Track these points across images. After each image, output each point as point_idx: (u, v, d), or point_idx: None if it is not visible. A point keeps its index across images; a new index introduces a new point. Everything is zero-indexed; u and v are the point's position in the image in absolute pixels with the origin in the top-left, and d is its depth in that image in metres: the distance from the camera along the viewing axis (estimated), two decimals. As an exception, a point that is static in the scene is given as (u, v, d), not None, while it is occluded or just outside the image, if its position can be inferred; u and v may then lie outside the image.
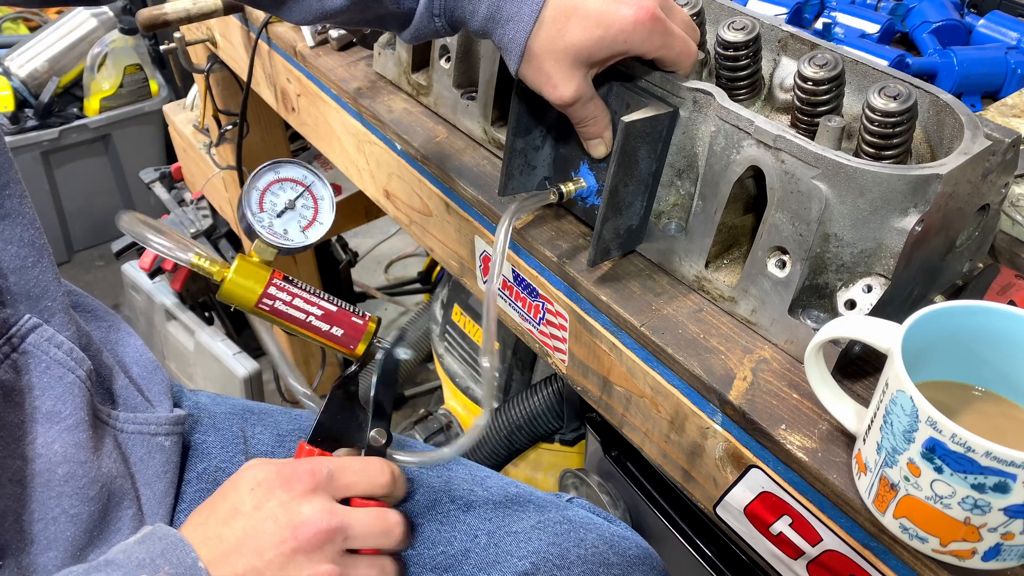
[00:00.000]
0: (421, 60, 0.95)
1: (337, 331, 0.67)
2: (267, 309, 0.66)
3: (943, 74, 0.90)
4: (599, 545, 0.76)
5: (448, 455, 0.69)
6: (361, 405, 0.67)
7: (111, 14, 2.47)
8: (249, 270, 0.66)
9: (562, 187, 0.73)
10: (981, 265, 0.69)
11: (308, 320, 0.66)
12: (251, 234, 0.66)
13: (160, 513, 0.69)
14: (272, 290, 0.66)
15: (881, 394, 0.49)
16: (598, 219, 0.67)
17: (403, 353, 0.67)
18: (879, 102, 0.59)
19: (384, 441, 0.67)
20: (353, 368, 0.68)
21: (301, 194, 0.68)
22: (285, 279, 0.67)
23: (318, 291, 0.68)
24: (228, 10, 1.17)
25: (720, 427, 0.62)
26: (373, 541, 0.62)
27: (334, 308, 0.67)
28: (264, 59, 1.22)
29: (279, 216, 0.67)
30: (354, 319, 0.68)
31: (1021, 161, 0.71)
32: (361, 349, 0.68)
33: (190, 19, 1.15)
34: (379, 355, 0.68)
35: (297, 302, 0.66)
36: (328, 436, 0.66)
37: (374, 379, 0.67)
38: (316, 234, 0.68)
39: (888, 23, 0.99)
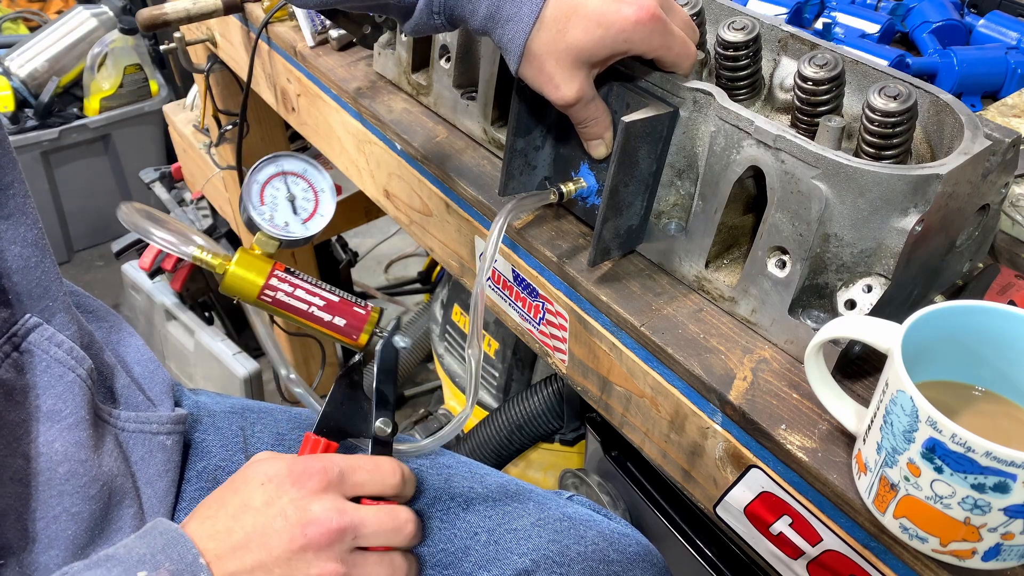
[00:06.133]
0: (421, 60, 0.95)
1: (339, 321, 0.67)
2: (269, 300, 0.66)
3: (943, 74, 0.90)
4: (599, 542, 0.76)
5: (429, 445, 0.70)
6: (365, 395, 0.67)
7: (111, 14, 2.47)
8: (251, 262, 0.66)
9: (562, 187, 0.73)
10: (981, 265, 0.69)
11: (310, 311, 0.67)
12: (252, 227, 0.67)
13: (161, 511, 0.69)
14: (274, 281, 0.66)
15: (881, 394, 0.49)
16: (598, 219, 0.67)
17: (401, 341, 0.67)
18: (879, 102, 0.59)
19: (390, 431, 0.67)
20: (357, 358, 0.68)
21: (302, 187, 0.69)
22: (287, 270, 0.67)
23: (320, 282, 0.68)
24: (228, 10, 1.17)
25: (720, 427, 0.62)
26: (384, 539, 0.62)
27: (336, 298, 0.67)
28: (264, 59, 1.22)
29: (280, 208, 0.68)
30: (356, 309, 0.68)
31: (1021, 161, 0.71)
32: (364, 339, 0.68)
33: (190, 19, 1.15)
34: (378, 345, 0.68)
35: (299, 293, 0.66)
36: (334, 427, 0.66)
37: (375, 369, 0.67)
38: (317, 226, 0.69)
39: (888, 23, 0.99)
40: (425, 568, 0.72)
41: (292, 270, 0.67)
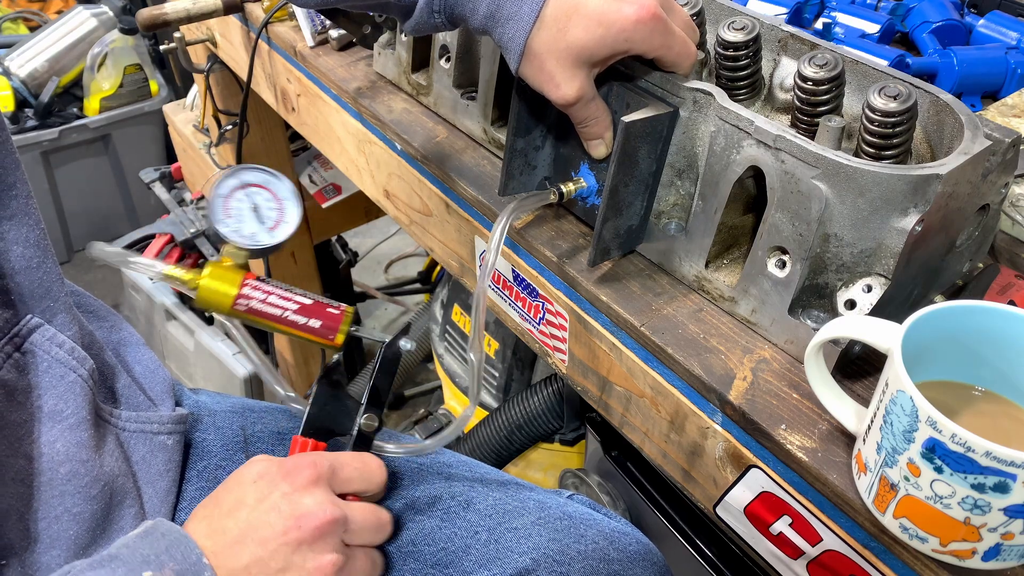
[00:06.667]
0: (421, 60, 0.95)
1: (315, 323, 0.68)
2: (243, 309, 0.68)
3: (943, 74, 0.90)
4: (599, 541, 0.76)
5: (431, 446, 0.71)
6: (348, 394, 0.68)
7: (111, 14, 2.47)
8: (222, 274, 0.67)
9: (562, 187, 0.73)
10: (981, 265, 0.69)
11: (285, 315, 0.68)
12: (220, 240, 0.69)
13: (162, 511, 0.70)
14: (246, 290, 0.67)
15: (881, 394, 0.49)
16: (598, 219, 0.67)
17: (407, 344, 0.68)
18: (879, 102, 0.59)
19: (376, 427, 0.68)
20: (335, 358, 0.70)
21: (264, 196, 0.71)
22: (258, 278, 0.68)
23: (291, 287, 0.69)
24: (228, 10, 1.17)
25: (720, 427, 0.62)
26: (367, 536, 0.63)
27: (309, 301, 0.69)
28: (264, 59, 1.22)
29: (245, 220, 0.70)
30: (329, 310, 0.69)
31: (1021, 161, 0.71)
32: (340, 339, 0.69)
33: (190, 19, 1.15)
34: (384, 342, 0.69)
35: (272, 299, 0.68)
36: (320, 428, 0.68)
37: (375, 365, 0.68)
38: (284, 233, 0.70)
39: (888, 23, 0.99)
40: (425, 567, 0.72)
41: (263, 278, 0.69)
